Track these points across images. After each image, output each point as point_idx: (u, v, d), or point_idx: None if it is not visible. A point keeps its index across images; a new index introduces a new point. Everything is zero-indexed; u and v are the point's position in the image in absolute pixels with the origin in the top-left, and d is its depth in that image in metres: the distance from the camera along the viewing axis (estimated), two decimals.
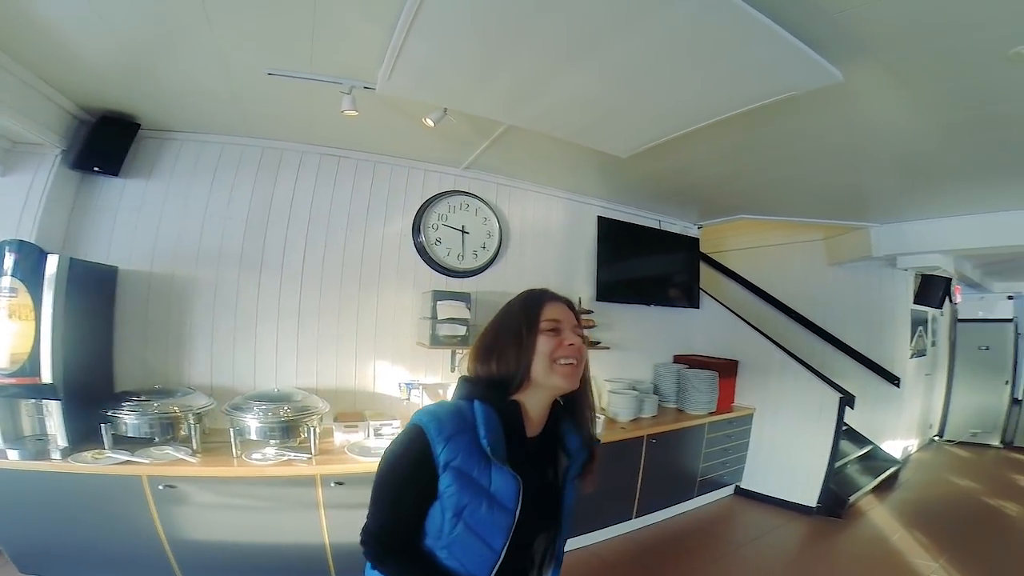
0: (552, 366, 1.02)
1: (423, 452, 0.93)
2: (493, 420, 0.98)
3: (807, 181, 3.41)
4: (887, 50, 1.78)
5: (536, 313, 1.06)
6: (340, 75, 2.17)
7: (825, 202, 3.95)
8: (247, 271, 2.93)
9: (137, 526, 2.24)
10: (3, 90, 2.08)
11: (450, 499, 0.93)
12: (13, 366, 2.07)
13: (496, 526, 0.96)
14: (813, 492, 3.90)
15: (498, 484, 0.96)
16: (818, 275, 5.42)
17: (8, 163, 2.47)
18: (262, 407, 2.43)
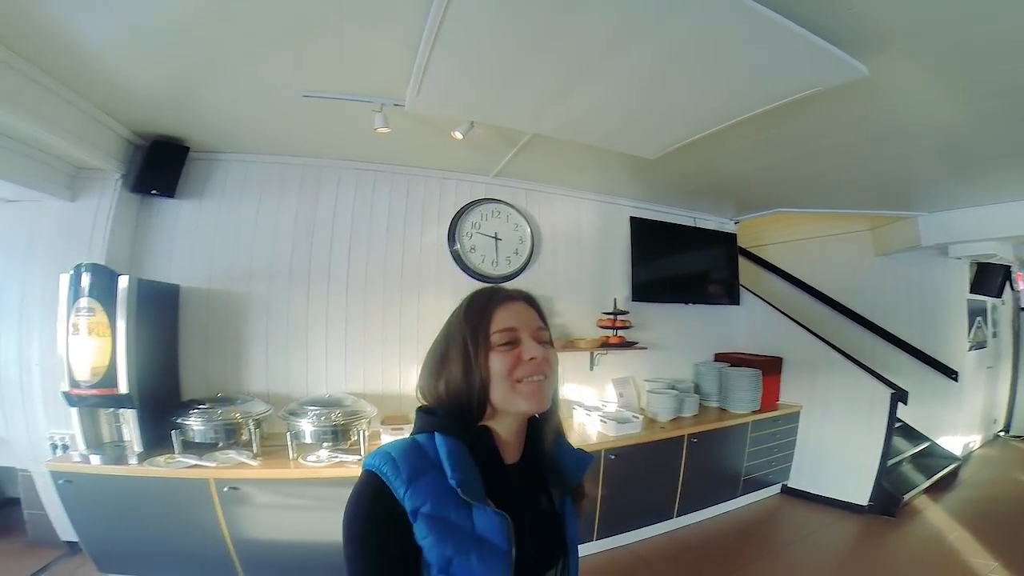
0: (513, 387, 0.85)
1: (385, 500, 0.77)
2: (460, 453, 0.82)
3: (845, 173, 3.32)
4: (910, 42, 1.76)
5: (484, 324, 0.87)
6: (370, 94, 2.28)
7: (866, 193, 3.82)
8: (296, 283, 3.11)
9: (204, 526, 2.40)
10: (65, 119, 2.27)
11: (432, 553, 0.76)
12: (94, 378, 2.29)
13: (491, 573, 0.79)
14: (865, 490, 3.77)
15: (483, 526, 0.79)
16: (865, 266, 5.21)
17: (75, 188, 2.72)
18: (315, 412, 2.57)
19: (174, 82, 2.23)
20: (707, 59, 1.82)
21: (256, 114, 2.57)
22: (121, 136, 2.70)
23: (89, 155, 2.49)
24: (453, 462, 0.80)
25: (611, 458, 3.08)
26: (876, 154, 2.92)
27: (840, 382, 4.03)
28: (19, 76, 1.98)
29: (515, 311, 0.90)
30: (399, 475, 0.77)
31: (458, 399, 0.86)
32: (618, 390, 3.90)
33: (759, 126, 2.45)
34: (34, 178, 2.49)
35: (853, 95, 2.11)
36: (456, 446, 0.82)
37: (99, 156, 2.54)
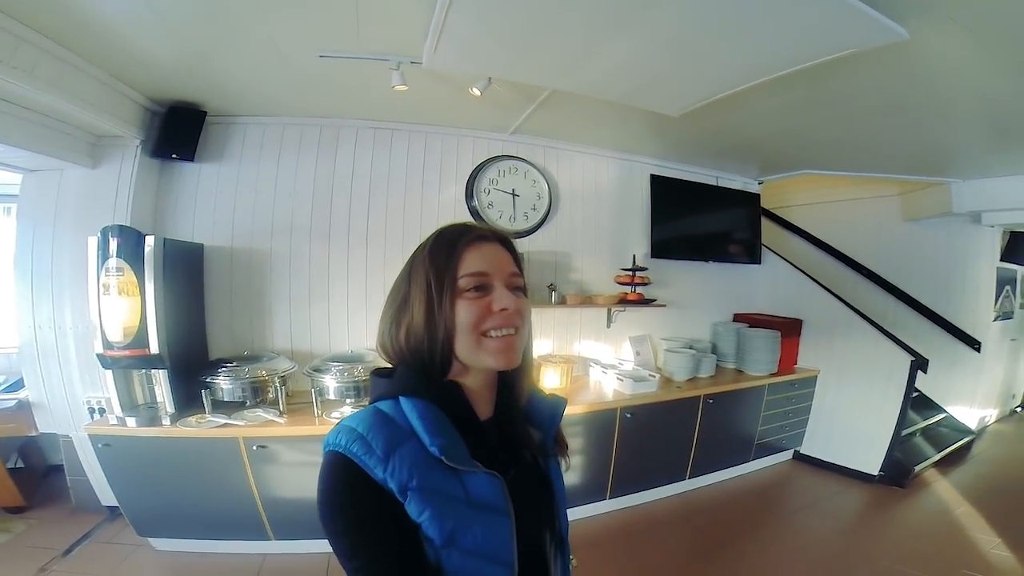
0: (480, 341, 0.76)
1: (363, 484, 0.68)
2: (433, 416, 0.74)
3: (877, 137, 3.19)
4: (953, 7, 1.67)
5: (451, 265, 0.77)
6: (387, 52, 2.24)
7: (899, 157, 3.67)
8: (317, 240, 3.15)
9: (235, 486, 2.49)
10: (83, 89, 2.30)
11: (432, 529, 0.69)
12: (126, 339, 2.35)
13: (499, 540, 0.73)
14: (876, 460, 3.78)
15: (477, 491, 0.73)
16: (892, 231, 5.05)
17: (96, 156, 2.76)
18: (338, 368, 2.64)
19: (189, 48, 2.23)
20: (740, 16, 1.74)
21: (272, 77, 2.55)
22: (138, 103, 2.72)
23: (108, 123, 2.51)
24: (429, 427, 0.72)
25: (627, 416, 3.13)
26: (911, 119, 2.80)
27: (859, 347, 3.99)
28: (35, 49, 1.99)
29: (487, 253, 0.79)
30: (372, 453, 0.68)
31: (419, 352, 0.77)
32: (635, 348, 3.92)
33: (790, 86, 2.35)
34: (56, 147, 2.52)
35: (891, 58, 2.01)
36: (427, 408, 0.74)
37: (118, 123, 2.57)
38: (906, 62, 2.08)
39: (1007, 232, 4.65)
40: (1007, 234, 4.67)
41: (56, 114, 2.42)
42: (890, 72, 2.21)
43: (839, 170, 4.14)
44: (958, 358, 4.74)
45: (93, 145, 2.74)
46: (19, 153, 2.46)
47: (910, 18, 1.68)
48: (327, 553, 2.53)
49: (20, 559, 2.50)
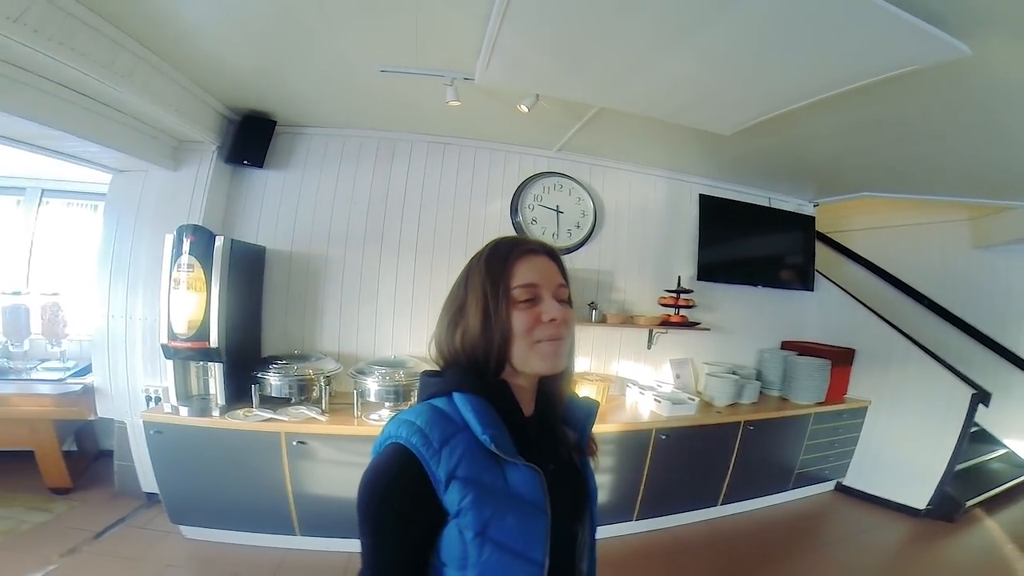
0: (532, 348, 0.82)
1: (412, 472, 0.74)
2: (484, 409, 0.79)
3: (946, 157, 3.02)
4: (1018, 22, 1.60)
5: (504, 276, 0.83)
6: (442, 68, 2.35)
7: (968, 179, 3.46)
8: (369, 249, 3.31)
9: (271, 480, 2.58)
10: (168, 94, 2.50)
11: (468, 516, 0.73)
12: (189, 331, 2.53)
13: (531, 534, 0.77)
14: (925, 494, 3.58)
15: (517, 483, 0.78)
16: (960, 259, 4.75)
17: (178, 159, 3.00)
18: (381, 371, 2.75)
19: (262, 59, 2.39)
20: (795, 36, 1.73)
21: (336, 89, 2.71)
22: (217, 111, 2.94)
23: (190, 128, 2.72)
24: (481, 418, 0.77)
25: (662, 438, 3.09)
26: (982, 137, 2.65)
27: (916, 378, 3.79)
28: (131, 55, 2.18)
29: (537, 265, 0.85)
30: (429, 444, 0.74)
31: (474, 353, 0.83)
32: (675, 371, 3.87)
33: (847, 104, 2.29)
34: (144, 150, 2.77)
35: (957, 73, 1.94)
36: (480, 403, 0.79)
37: (199, 129, 2.78)
38: (968, 80, 2.01)
39: None
40: None
41: (145, 118, 2.65)
42: (954, 90, 2.13)
43: (902, 192, 3.92)
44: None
45: (175, 149, 2.99)
46: (112, 154, 2.71)
47: (971, 34, 1.63)
48: (347, 553, 2.65)
49: (54, 538, 2.60)
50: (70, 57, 1.89)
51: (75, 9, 1.85)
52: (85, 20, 1.90)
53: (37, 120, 2.17)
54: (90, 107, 2.40)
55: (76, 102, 2.33)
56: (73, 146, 2.61)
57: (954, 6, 1.52)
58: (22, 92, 2.07)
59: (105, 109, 2.47)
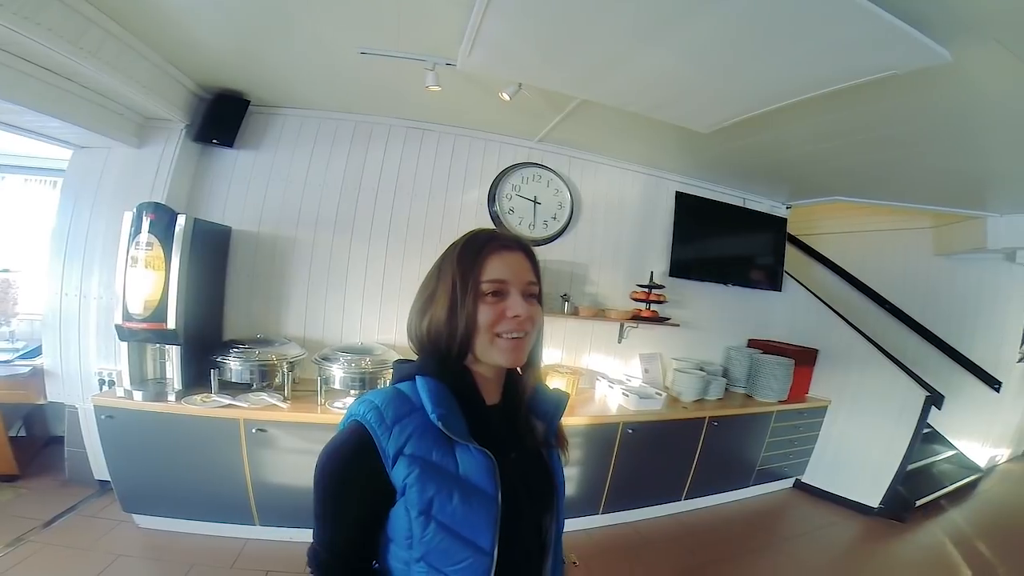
0: (492, 341, 0.84)
1: (365, 447, 0.78)
2: (439, 391, 0.82)
3: (916, 164, 3.10)
4: (1004, 31, 1.62)
5: (475, 270, 0.84)
6: (424, 53, 2.29)
7: (936, 187, 3.57)
8: (340, 233, 3.23)
9: (229, 468, 2.50)
10: (138, 71, 2.41)
11: (412, 493, 0.76)
12: (146, 312, 2.43)
13: (477, 519, 0.78)
14: (878, 492, 3.72)
15: (467, 466, 0.79)
16: (922, 265, 4.95)
17: (143, 136, 2.88)
18: (346, 358, 2.68)
19: (239, 38, 2.32)
20: (776, 34, 1.72)
21: (315, 70, 2.63)
22: (188, 89, 2.84)
23: (159, 106, 2.63)
24: (433, 398, 0.80)
25: (628, 432, 3.11)
26: (952, 147, 2.72)
27: (875, 380, 3.92)
28: (101, 31, 2.09)
29: (509, 261, 0.86)
30: (383, 421, 0.78)
31: (438, 340, 0.85)
32: (644, 365, 3.91)
33: (825, 107, 2.32)
34: (108, 126, 2.65)
35: (933, 81, 1.96)
36: (436, 385, 0.83)
37: (167, 107, 2.69)
38: (944, 88, 2.04)
39: None
40: None
41: (111, 94, 2.53)
42: (931, 96, 2.16)
43: (872, 198, 4.04)
44: (976, 397, 4.62)
45: (141, 126, 2.87)
46: (74, 130, 2.58)
47: (953, 40, 1.64)
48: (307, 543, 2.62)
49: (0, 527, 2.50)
50: (36, 32, 1.80)
51: None
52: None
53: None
54: (52, 81, 2.28)
55: (36, 75, 2.20)
56: (32, 121, 2.48)
57: (939, 8, 1.53)
58: None
59: (68, 84, 2.35)
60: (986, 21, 1.57)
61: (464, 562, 0.78)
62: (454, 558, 0.77)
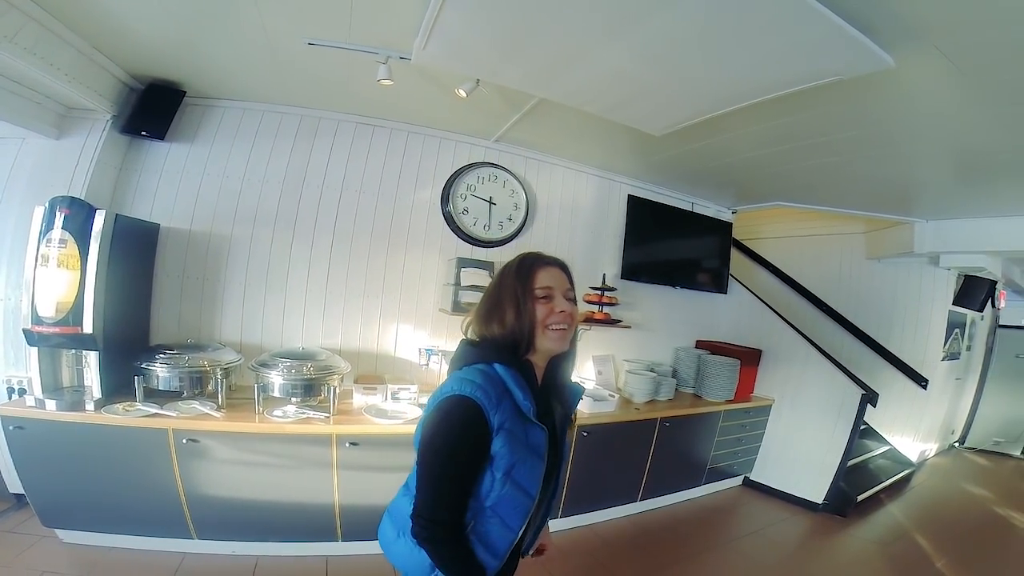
0: (545, 331, 1.12)
1: (480, 422, 1.01)
2: (521, 382, 1.07)
3: (851, 170, 3.26)
4: (944, 38, 1.68)
5: (529, 281, 1.13)
6: (377, 45, 2.21)
7: (869, 193, 3.78)
8: (281, 232, 3.07)
9: (159, 480, 2.35)
10: (61, 59, 2.23)
11: (501, 460, 1.03)
12: (58, 315, 2.20)
13: (534, 476, 1.09)
14: (822, 489, 3.86)
15: (533, 438, 1.08)
16: (855, 269, 5.24)
17: (63, 127, 2.66)
18: (286, 364, 2.54)
19: (177, 26, 2.19)
20: (728, 36, 1.75)
21: (258, 61, 2.50)
22: (117, 78, 2.66)
23: (83, 96, 2.46)
24: (523, 390, 1.06)
25: (583, 435, 3.10)
26: (887, 154, 2.87)
27: (814, 379, 4.08)
28: (20, 14, 1.92)
29: (552, 274, 1.16)
30: (490, 401, 1.02)
31: (512, 336, 1.11)
32: (598, 367, 3.92)
33: (770, 113, 2.40)
34: (22, 116, 2.46)
35: (873, 87, 2.04)
36: (518, 376, 1.08)
37: (92, 97, 2.52)
38: (887, 92, 2.12)
39: (961, 276, 4.86)
40: (961, 278, 4.88)
41: (28, 82, 2.34)
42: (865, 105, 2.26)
43: (810, 203, 4.23)
44: (906, 394, 4.91)
45: (61, 116, 2.65)
46: None
47: (896, 46, 1.70)
48: (255, 556, 2.52)
49: None
50: None
51: None
52: None
53: None
54: None
55: None
56: None
57: (884, 14, 1.57)
58: None
59: None
60: (928, 28, 1.63)
61: (518, 506, 1.08)
62: (513, 503, 1.07)
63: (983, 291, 4.75)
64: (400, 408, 2.76)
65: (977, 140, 2.51)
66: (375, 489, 2.52)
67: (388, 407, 2.76)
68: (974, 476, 5.13)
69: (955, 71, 1.87)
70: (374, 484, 2.53)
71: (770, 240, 5.90)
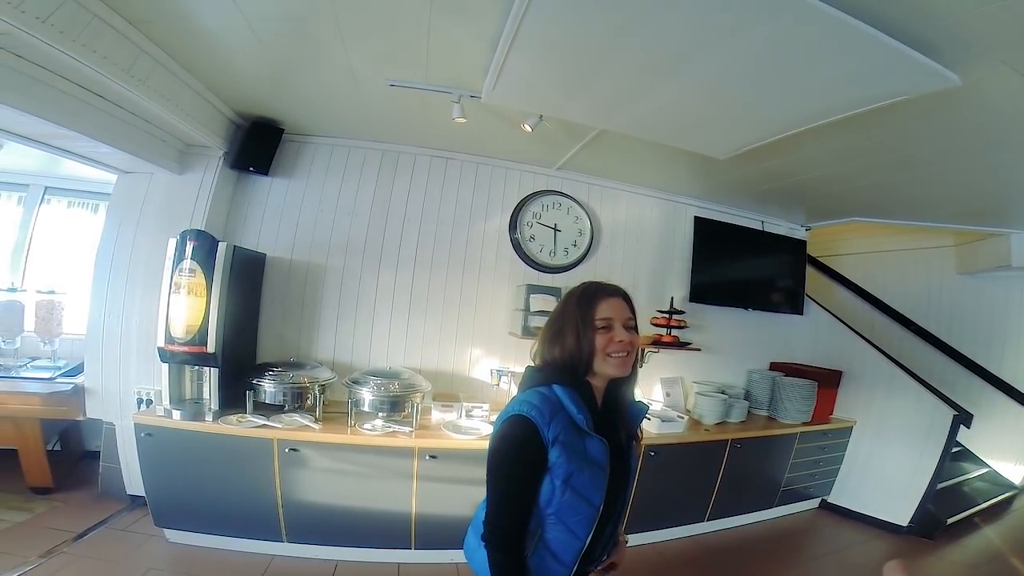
0: (606, 359, 1.19)
1: (535, 437, 1.11)
2: (577, 399, 1.16)
3: (932, 184, 3.12)
4: (1007, 51, 1.66)
5: (590, 312, 1.20)
6: (450, 85, 2.41)
7: (955, 206, 3.57)
8: (369, 260, 3.35)
9: (261, 485, 2.57)
10: (183, 99, 2.53)
11: (559, 468, 1.11)
12: (187, 336, 2.53)
13: (595, 485, 1.16)
14: (907, 511, 3.65)
15: (592, 450, 1.16)
16: (945, 284, 4.88)
17: (184, 163, 3.03)
18: (375, 382, 2.76)
19: (274, 66, 2.42)
20: (785, 66, 1.80)
21: (345, 100, 2.75)
22: (226, 117, 2.97)
23: (199, 132, 2.75)
24: (577, 406, 1.15)
25: (651, 455, 3.12)
26: (970, 164, 2.73)
27: (900, 400, 3.87)
28: (149, 59, 2.20)
29: (613, 304, 1.21)
30: (544, 417, 1.12)
31: (572, 360, 1.19)
32: (665, 389, 3.91)
33: (839, 132, 2.37)
34: (152, 152, 2.78)
35: (946, 103, 2.00)
36: (573, 394, 1.17)
37: (207, 134, 2.82)
38: (958, 108, 2.07)
39: None
40: None
41: (156, 121, 2.65)
42: (943, 118, 2.20)
43: (890, 218, 4.04)
44: (1008, 414, 4.49)
45: (183, 153, 3.01)
46: (121, 155, 2.70)
47: (962, 64, 1.68)
48: (335, 561, 2.68)
49: (33, 538, 2.55)
50: (93, 60, 1.90)
51: (99, 10, 1.86)
52: (109, 21, 1.91)
53: (52, 120, 2.16)
54: (103, 108, 2.40)
55: (90, 102, 2.32)
56: (84, 146, 2.60)
57: (943, 35, 1.58)
58: (39, 90, 2.06)
59: (118, 110, 2.48)
60: (990, 45, 1.62)
61: (582, 514, 1.15)
62: (576, 511, 1.14)
63: None
64: (474, 424, 2.92)
65: None
66: (449, 500, 2.68)
67: (463, 423, 2.93)
68: None
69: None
70: (448, 495, 2.68)
71: (849, 256, 5.62)
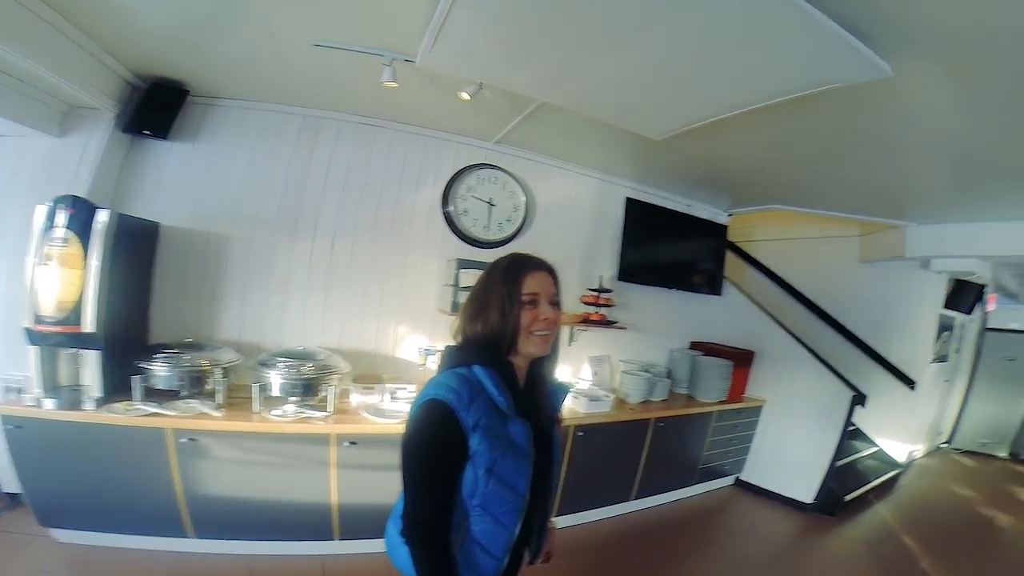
0: (529, 336, 1.14)
1: (452, 423, 1.03)
2: (498, 380, 1.10)
3: (845, 175, 3.30)
4: (942, 46, 1.71)
5: (516, 285, 1.14)
6: (382, 47, 2.23)
7: (862, 198, 3.82)
8: (281, 232, 3.07)
9: (156, 479, 2.36)
10: (67, 58, 2.24)
11: (481, 456, 1.04)
12: (59, 314, 2.21)
13: (520, 472, 1.10)
14: (811, 489, 3.95)
15: (515, 434, 1.10)
16: (848, 272, 5.30)
17: (65, 125, 2.66)
18: (286, 364, 2.55)
19: (182, 23, 2.18)
20: (730, 45, 1.78)
21: (264, 61, 2.50)
22: (121, 76, 2.67)
23: (87, 94, 2.47)
24: (498, 387, 1.09)
25: (579, 435, 3.14)
26: (881, 159, 2.90)
27: (805, 381, 4.16)
28: (28, 13, 1.92)
29: (539, 279, 1.16)
30: (461, 401, 1.04)
31: (494, 337, 1.13)
32: (593, 368, 3.96)
33: (768, 119, 2.40)
34: (27, 114, 2.46)
35: (871, 94, 2.07)
36: (495, 375, 1.10)
37: (97, 95, 2.54)
38: (885, 99, 2.14)
39: (951, 280, 4.95)
40: (951, 282, 4.97)
41: (34, 81, 2.33)
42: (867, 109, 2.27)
43: (804, 207, 4.27)
44: (894, 395, 4.99)
45: (65, 115, 2.65)
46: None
47: (894, 54, 1.72)
48: (250, 555, 2.54)
49: None
50: None
51: None
52: None
53: None
54: None
55: None
56: None
57: (881, 24, 1.60)
58: None
59: None
60: (926, 37, 1.66)
61: (508, 504, 1.09)
62: (502, 501, 1.08)
63: (972, 295, 4.85)
64: (398, 407, 2.78)
65: (972, 146, 2.54)
66: (373, 488, 2.56)
67: (386, 406, 2.78)
68: (960, 477, 5.25)
69: (952, 80, 1.91)
70: (372, 483, 2.56)
71: (765, 243, 5.96)
